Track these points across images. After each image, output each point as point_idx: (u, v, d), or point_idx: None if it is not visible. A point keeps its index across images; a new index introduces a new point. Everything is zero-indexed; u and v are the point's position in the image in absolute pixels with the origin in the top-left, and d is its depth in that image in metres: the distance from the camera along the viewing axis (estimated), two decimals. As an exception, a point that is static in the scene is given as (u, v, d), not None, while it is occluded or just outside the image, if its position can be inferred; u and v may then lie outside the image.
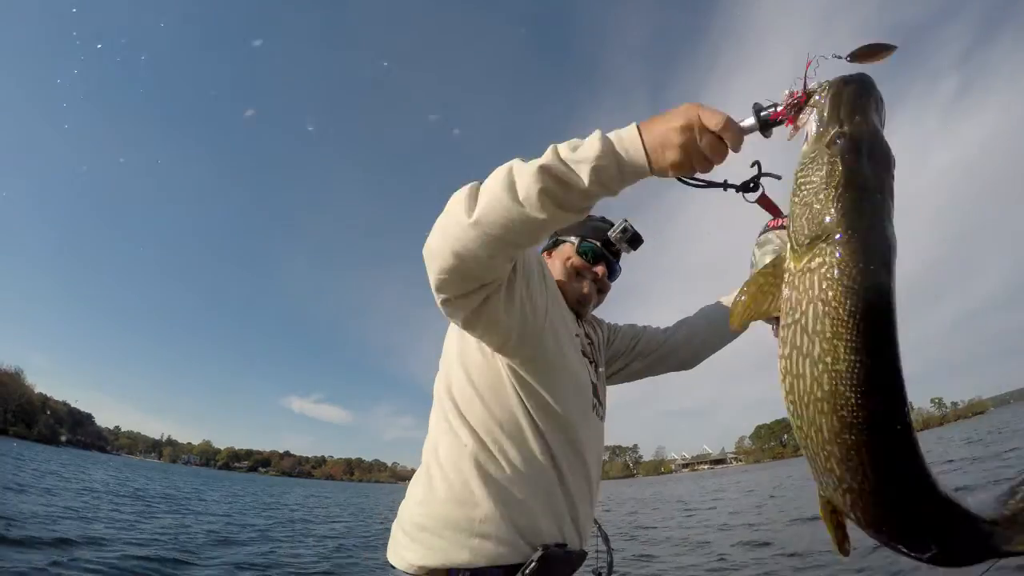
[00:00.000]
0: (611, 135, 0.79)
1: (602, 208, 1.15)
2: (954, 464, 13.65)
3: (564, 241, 1.34)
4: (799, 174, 0.72)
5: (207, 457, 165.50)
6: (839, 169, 0.67)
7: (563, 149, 0.79)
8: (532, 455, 1.07)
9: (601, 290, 1.34)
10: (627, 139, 0.77)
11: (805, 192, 0.70)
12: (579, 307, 1.31)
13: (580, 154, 0.77)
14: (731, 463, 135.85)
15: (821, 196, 0.68)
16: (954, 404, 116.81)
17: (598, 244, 1.31)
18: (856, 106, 0.68)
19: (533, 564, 1.00)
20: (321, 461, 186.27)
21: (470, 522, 1.01)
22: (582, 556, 1.16)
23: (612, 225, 1.31)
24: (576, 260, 1.31)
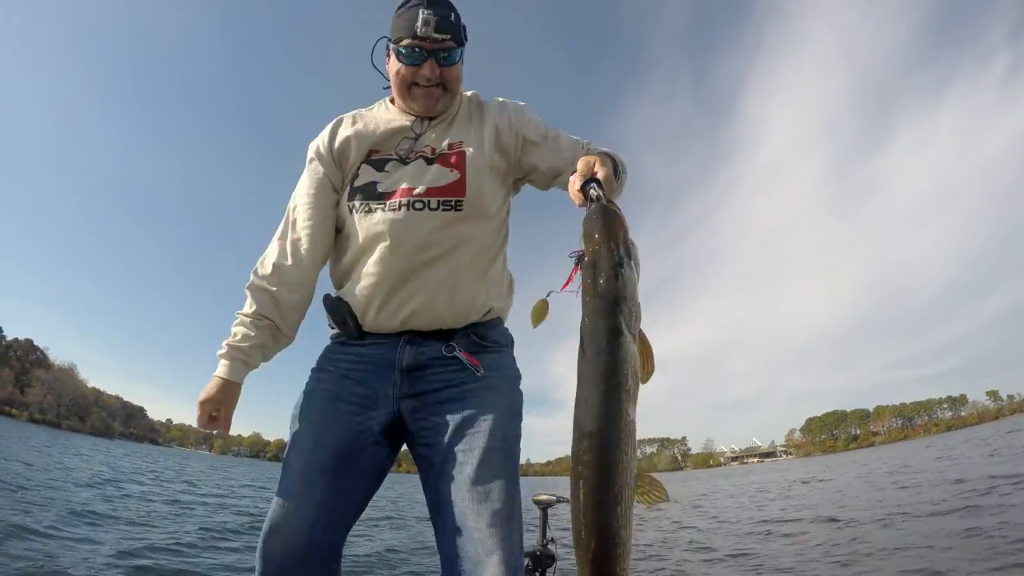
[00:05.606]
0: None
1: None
2: (965, 484, 9.48)
3: (390, 51, 1.33)
4: None
5: (257, 449, 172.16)
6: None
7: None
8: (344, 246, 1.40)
9: (440, 84, 1.31)
10: None
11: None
12: (427, 114, 1.35)
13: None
14: (781, 456, 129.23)
15: None
16: (1010, 397, 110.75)
17: (412, 44, 1.26)
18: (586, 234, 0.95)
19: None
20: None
21: None
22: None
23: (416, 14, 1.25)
24: (403, 70, 1.30)
